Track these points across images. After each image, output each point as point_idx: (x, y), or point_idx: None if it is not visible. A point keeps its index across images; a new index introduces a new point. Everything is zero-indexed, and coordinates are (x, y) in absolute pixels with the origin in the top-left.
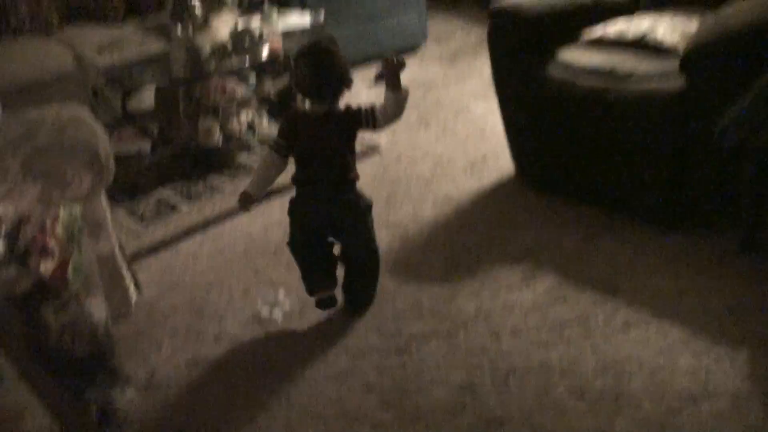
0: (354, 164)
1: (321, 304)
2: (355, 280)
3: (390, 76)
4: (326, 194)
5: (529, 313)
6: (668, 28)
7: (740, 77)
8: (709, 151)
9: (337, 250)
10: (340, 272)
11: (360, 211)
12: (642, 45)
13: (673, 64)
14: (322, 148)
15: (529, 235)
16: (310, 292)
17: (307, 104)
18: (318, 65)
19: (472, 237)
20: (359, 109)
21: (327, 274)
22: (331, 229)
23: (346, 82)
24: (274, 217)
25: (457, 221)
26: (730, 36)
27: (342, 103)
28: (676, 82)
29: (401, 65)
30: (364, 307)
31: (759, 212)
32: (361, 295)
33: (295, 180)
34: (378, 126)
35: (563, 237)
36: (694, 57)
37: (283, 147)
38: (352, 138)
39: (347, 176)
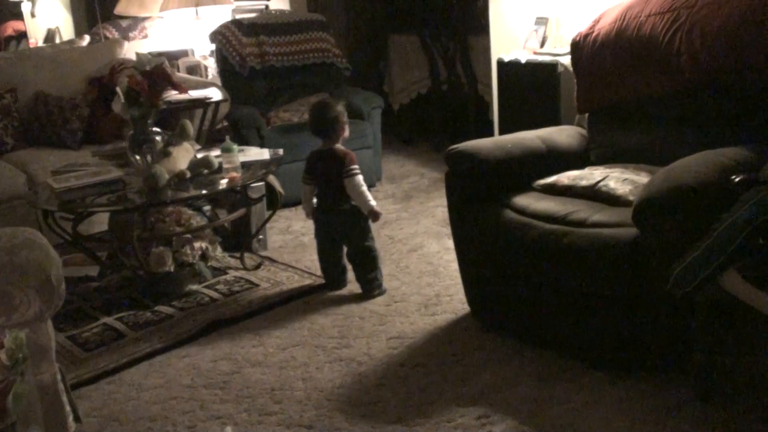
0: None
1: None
2: (359, 272)
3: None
4: (331, 207)
5: None
6: (620, 180)
7: (691, 228)
8: (662, 298)
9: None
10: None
11: (354, 219)
12: (594, 194)
13: (624, 214)
14: (326, 174)
15: (484, 376)
16: (325, 286)
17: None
18: (317, 113)
19: (426, 376)
20: (345, 158)
21: (339, 279)
22: (338, 234)
23: (338, 126)
24: (222, 349)
25: (410, 359)
26: (681, 189)
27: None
28: (629, 231)
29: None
30: (369, 292)
31: (710, 360)
32: (365, 284)
33: (317, 198)
34: (349, 178)
35: (518, 379)
36: (646, 209)
37: (308, 179)
38: (342, 169)
39: (344, 194)
